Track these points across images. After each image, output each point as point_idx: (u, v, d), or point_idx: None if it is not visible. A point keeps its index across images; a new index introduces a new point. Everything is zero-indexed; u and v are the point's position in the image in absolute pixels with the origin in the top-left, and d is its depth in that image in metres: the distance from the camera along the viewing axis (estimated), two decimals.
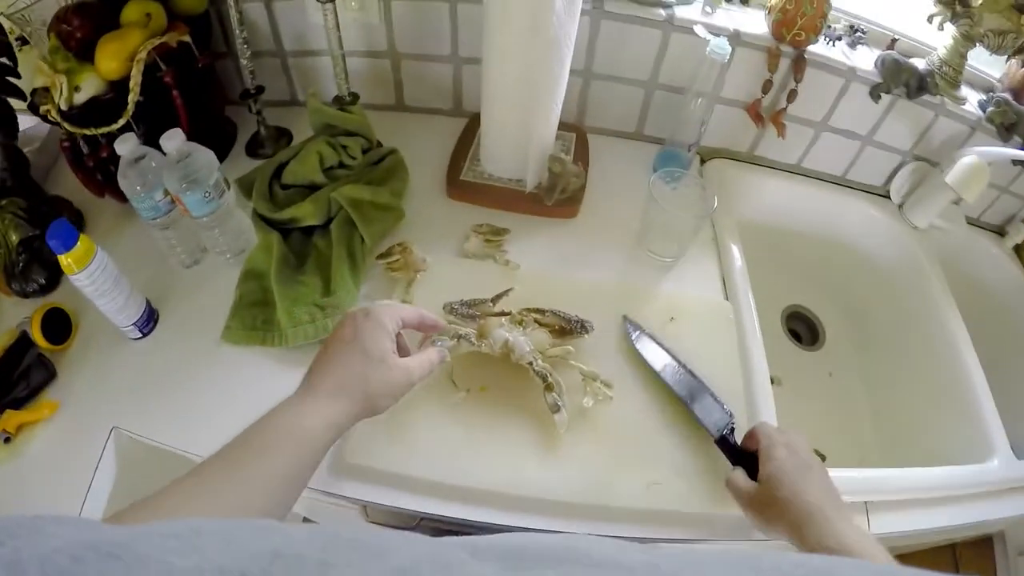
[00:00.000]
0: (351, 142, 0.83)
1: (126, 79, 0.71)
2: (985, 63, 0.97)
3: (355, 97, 0.88)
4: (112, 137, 0.71)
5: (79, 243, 0.59)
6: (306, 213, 0.78)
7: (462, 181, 0.87)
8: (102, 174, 0.78)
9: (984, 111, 0.91)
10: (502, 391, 0.67)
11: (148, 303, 0.70)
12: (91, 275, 0.61)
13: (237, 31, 0.78)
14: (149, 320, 0.71)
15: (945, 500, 0.74)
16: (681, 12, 0.87)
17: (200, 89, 0.81)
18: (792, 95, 0.89)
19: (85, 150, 0.75)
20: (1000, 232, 1.07)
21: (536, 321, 0.70)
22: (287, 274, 0.74)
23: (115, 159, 0.70)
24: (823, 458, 0.94)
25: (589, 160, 0.92)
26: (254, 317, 0.72)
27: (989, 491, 0.76)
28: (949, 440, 0.85)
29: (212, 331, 0.71)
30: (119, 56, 0.70)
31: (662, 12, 0.86)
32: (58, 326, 0.70)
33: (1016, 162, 0.88)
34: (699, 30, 0.83)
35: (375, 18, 0.85)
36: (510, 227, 0.84)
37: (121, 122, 0.72)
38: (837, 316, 1.14)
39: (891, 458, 0.79)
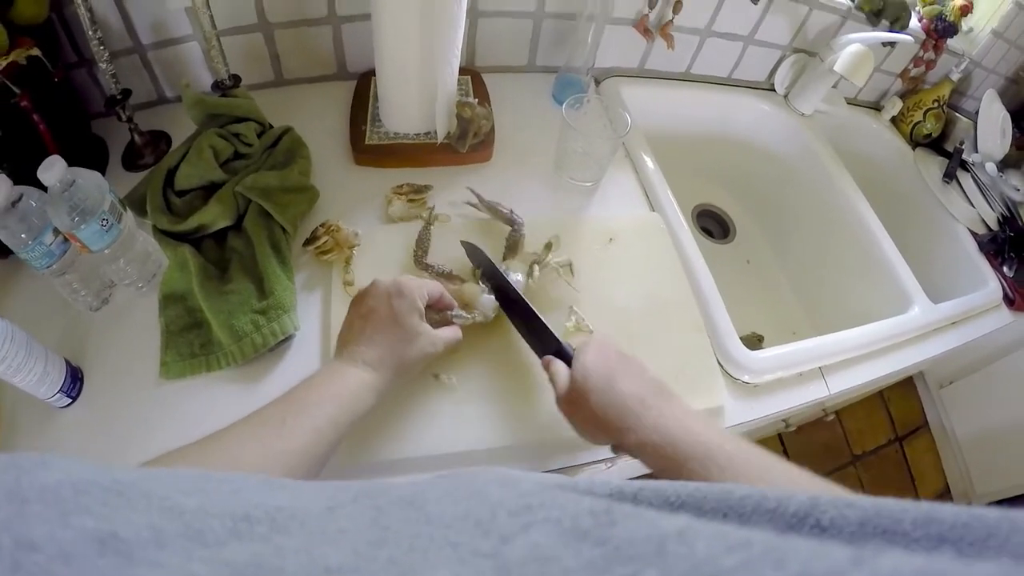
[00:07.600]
0: (243, 128, 0.76)
1: None
2: None
3: (237, 79, 0.80)
4: None
5: None
6: (214, 216, 0.71)
7: (368, 146, 0.83)
8: None
9: (853, 0, 0.97)
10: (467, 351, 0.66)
11: (67, 362, 0.61)
12: None
13: (90, 32, 0.68)
14: (75, 381, 0.61)
15: (882, 351, 0.83)
16: None
17: (61, 107, 0.71)
18: (678, 6, 0.91)
19: None
20: (876, 107, 1.17)
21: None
22: (213, 287, 0.68)
23: None
24: (760, 339, 1.01)
25: (490, 100, 0.90)
26: (190, 344, 0.65)
27: (916, 336, 0.86)
28: (870, 300, 0.94)
29: (148, 371, 0.63)
30: None
31: None
32: None
33: (886, 43, 0.95)
34: None
35: None
36: (428, 182, 0.81)
37: None
38: (743, 208, 1.21)
39: (821, 328, 0.87)
